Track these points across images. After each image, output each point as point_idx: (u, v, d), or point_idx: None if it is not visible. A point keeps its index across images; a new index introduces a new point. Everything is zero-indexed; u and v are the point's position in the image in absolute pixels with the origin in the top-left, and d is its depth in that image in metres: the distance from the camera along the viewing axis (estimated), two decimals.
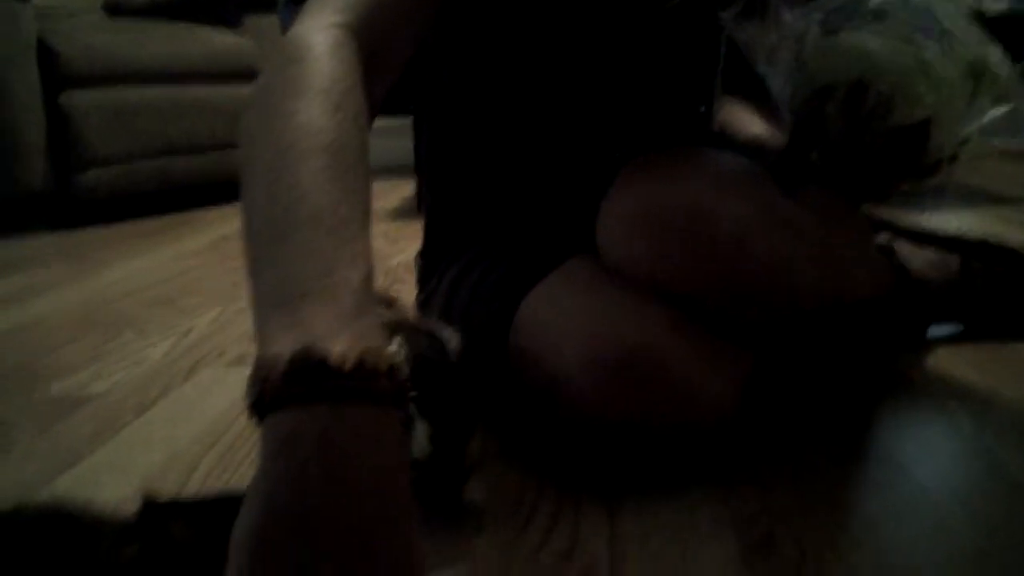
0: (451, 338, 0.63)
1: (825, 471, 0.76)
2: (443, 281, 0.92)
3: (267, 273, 0.47)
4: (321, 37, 0.60)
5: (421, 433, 0.58)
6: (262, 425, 0.42)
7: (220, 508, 0.52)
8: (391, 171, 2.81)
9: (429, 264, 0.99)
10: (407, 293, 1.15)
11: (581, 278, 0.78)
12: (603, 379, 0.69)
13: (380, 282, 1.49)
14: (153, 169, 2.44)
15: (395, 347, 0.46)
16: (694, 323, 0.73)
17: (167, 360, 1.16)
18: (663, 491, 0.72)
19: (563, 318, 0.74)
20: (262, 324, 0.45)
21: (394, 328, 0.58)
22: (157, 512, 0.52)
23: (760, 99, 0.99)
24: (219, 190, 2.54)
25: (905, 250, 1.05)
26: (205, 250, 1.97)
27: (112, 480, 0.80)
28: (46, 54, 2.28)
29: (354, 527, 0.39)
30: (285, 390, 0.41)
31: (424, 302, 0.97)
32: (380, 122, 0.71)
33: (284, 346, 0.42)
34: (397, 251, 1.76)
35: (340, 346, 0.42)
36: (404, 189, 2.59)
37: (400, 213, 2.29)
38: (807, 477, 0.75)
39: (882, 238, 1.07)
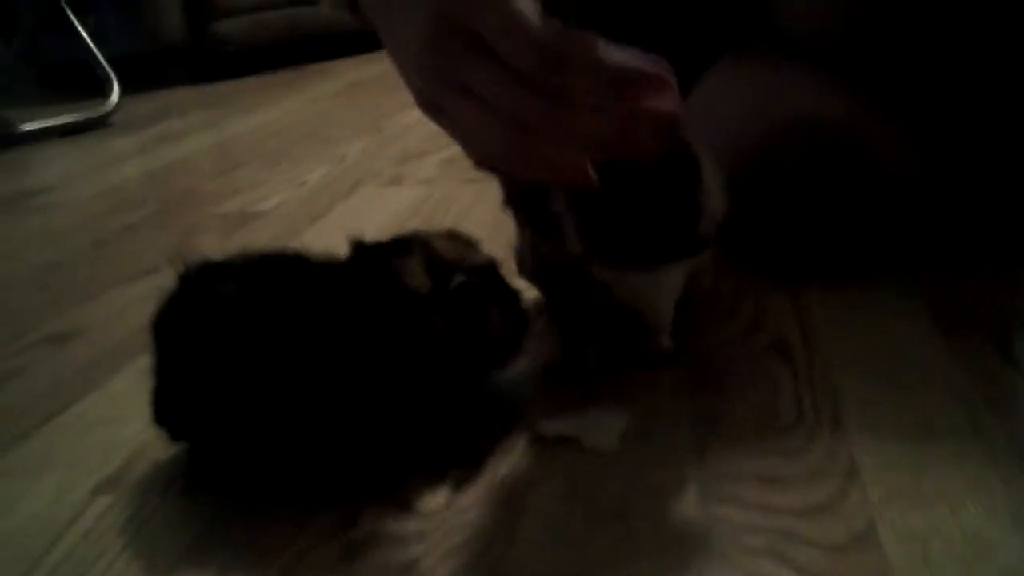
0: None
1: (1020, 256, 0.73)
2: None
3: None
4: None
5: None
6: None
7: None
8: None
9: None
10: None
11: (748, 61, 0.76)
12: (780, 142, 0.68)
13: None
14: (282, 18, 2.47)
15: None
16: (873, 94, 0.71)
17: (327, 181, 1.19)
18: (847, 275, 0.71)
19: (736, 94, 0.73)
20: None
21: None
22: (368, 252, 0.53)
23: None
24: (347, 41, 2.55)
25: None
26: (341, 93, 1.99)
27: None
28: None
29: None
30: None
31: None
32: None
33: None
34: None
35: None
36: None
37: None
38: (1000, 260, 0.72)
39: None
